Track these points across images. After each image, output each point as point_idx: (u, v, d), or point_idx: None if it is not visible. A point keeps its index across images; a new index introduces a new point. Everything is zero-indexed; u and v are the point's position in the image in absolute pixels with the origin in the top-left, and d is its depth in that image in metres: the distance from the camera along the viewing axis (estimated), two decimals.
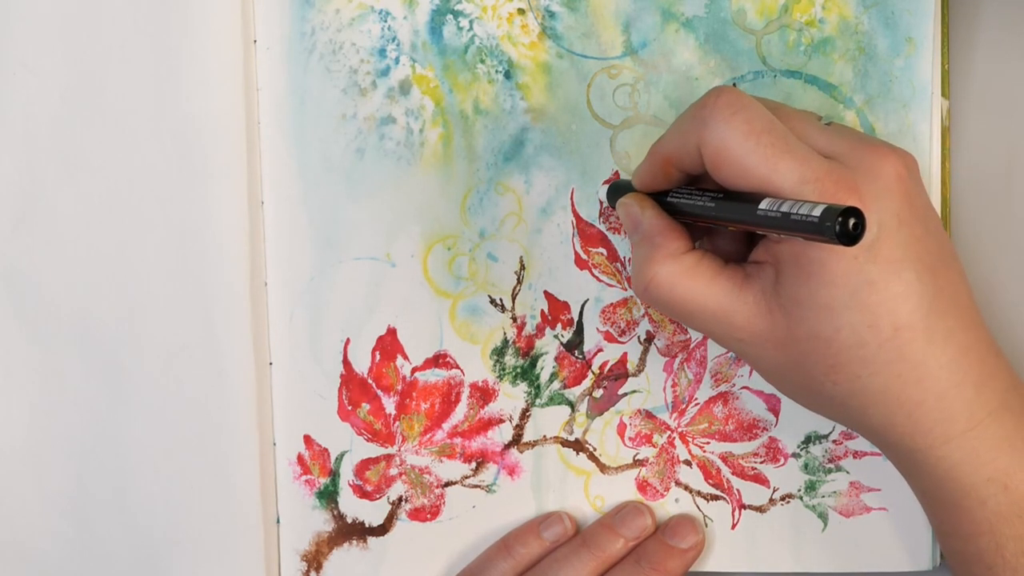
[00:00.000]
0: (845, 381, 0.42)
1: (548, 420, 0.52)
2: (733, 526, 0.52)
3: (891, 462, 0.46)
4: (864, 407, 0.43)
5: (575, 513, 0.52)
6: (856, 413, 0.43)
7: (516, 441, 0.52)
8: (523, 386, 0.52)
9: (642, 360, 0.52)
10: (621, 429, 0.52)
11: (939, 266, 0.42)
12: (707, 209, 0.43)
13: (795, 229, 0.39)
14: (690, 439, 0.52)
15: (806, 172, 0.40)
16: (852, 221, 0.37)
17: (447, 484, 0.52)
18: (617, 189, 0.49)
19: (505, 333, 0.52)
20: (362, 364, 0.52)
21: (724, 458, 0.52)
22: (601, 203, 0.51)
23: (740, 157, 0.41)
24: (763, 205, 0.40)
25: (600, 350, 0.52)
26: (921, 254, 0.41)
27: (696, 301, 0.44)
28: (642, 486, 0.52)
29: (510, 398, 0.52)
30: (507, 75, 0.50)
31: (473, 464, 0.52)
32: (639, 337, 0.52)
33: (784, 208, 0.39)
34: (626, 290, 0.51)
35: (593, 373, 0.52)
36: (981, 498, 0.43)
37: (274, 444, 0.52)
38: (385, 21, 0.51)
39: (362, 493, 0.53)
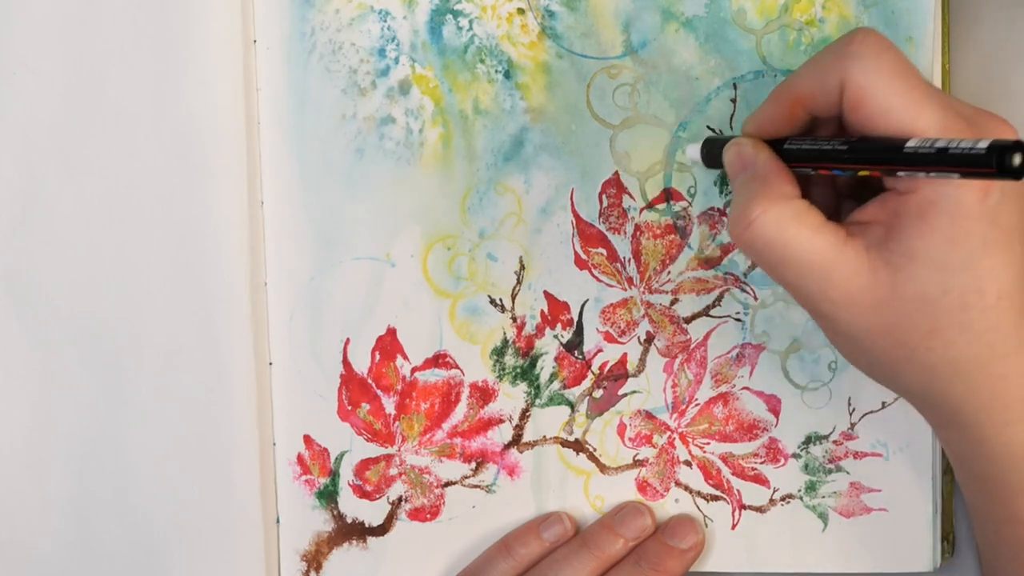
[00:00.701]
0: (941, 347, 0.41)
1: (548, 420, 0.52)
2: (733, 526, 0.52)
3: (945, 444, 0.45)
4: (951, 376, 0.42)
5: (575, 513, 0.52)
6: (940, 383, 0.42)
7: (516, 441, 0.52)
8: (523, 386, 0.52)
9: (642, 360, 0.52)
10: (621, 429, 0.52)
11: None
12: (838, 153, 0.41)
13: (955, 164, 0.37)
14: (690, 440, 0.52)
15: (948, 122, 0.40)
16: (1020, 157, 0.36)
17: (447, 484, 0.52)
18: (714, 142, 0.47)
19: (505, 333, 0.52)
20: (362, 364, 0.52)
21: (724, 458, 0.52)
22: (600, 203, 0.51)
23: (887, 96, 0.40)
24: (912, 143, 0.39)
25: (600, 350, 0.52)
26: None
27: (800, 248, 0.42)
28: (642, 486, 0.52)
29: (510, 398, 0.52)
30: (507, 75, 0.50)
31: (473, 464, 0.52)
32: (639, 337, 0.52)
33: (940, 144, 0.38)
34: (626, 290, 0.51)
35: (593, 373, 0.52)
36: None
37: (274, 444, 0.52)
38: (385, 21, 0.51)
39: (362, 493, 0.53)
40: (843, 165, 0.42)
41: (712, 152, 0.47)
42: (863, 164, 0.41)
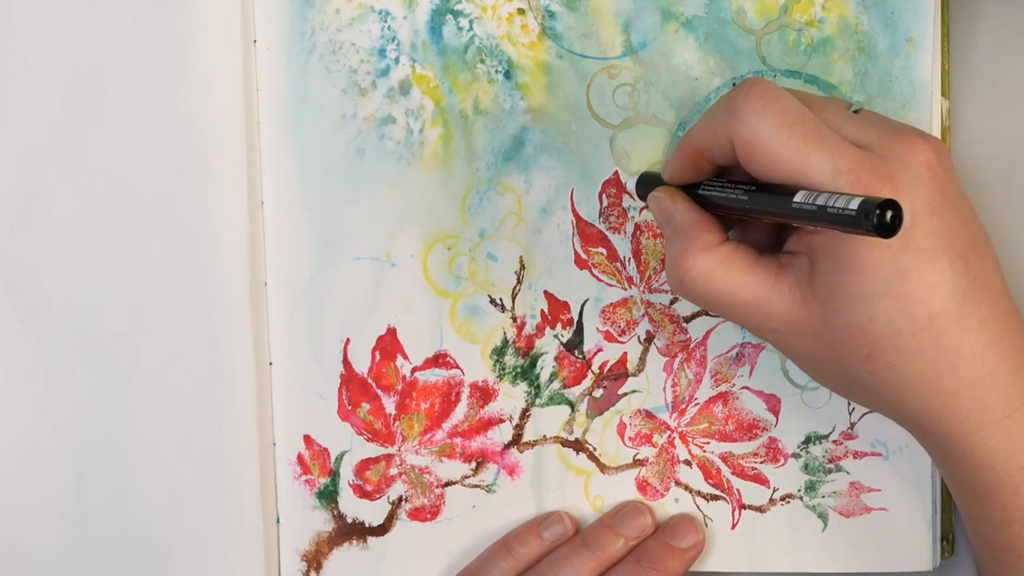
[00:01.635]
0: (880, 370, 0.42)
1: (548, 420, 0.52)
2: (733, 526, 0.52)
3: (925, 450, 0.46)
4: (900, 395, 0.43)
5: (575, 513, 0.52)
6: (892, 401, 0.43)
7: (516, 441, 0.52)
8: (523, 386, 0.52)
9: (642, 360, 0.52)
10: (621, 429, 0.52)
11: (972, 254, 0.42)
12: (740, 201, 0.43)
13: (832, 222, 0.39)
14: (690, 439, 0.52)
15: (839, 162, 0.40)
16: (890, 213, 0.37)
17: (447, 484, 0.52)
18: (646, 181, 0.48)
19: (505, 333, 0.52)
20: (362, 364, 0.52)
21: (724, 458, 0.52)
22: (600, 202, 0.51)
23: (772, 149, 0.41)
24: (798, 198, 0.40)
25: (600, 350, 0.52)
26: (954, 242, 0.41)
27: (732, 293, 0.44)
28: (642, 486, 0.52)
29: (510, 398, 0.52)
30: (507, 75, 0.50)
31: (473, 464, 0.52)
32: (639, 337, 0.52)
33: (820, 201, 0.39)
34: (626, 290, 0.51)
35: (593, 373, 0.52)
36: (1015, 485, 0.43)
37: (274, 444, 0.52)
38: (385, 21, 0.51)
39: (362, 493, 0.53)
40: (746, 213, 0.43)
41: (646, 189, 0.48)
42: (761, 214, 0.43)
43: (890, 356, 0.42)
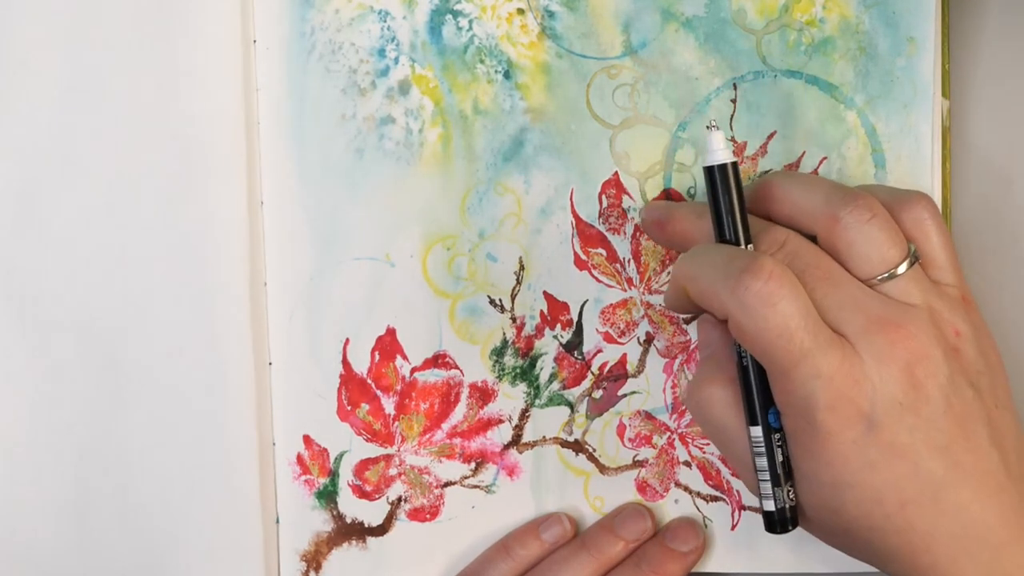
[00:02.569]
0: (857, 545, 0.44)
1: (547, 421, 0.52)
2: (733, 527, 0.52)
3: None
4: (881, 564, 0.44)
5: (574, 514, 0.52)
6: (876, 564, 0.44)
7: (515, 441, 0.52)
8: (522, 386, 0.52)
9: (642, 361, 0.52)
10: (621, 430, 0.52)
11: (958, 439, 0.42)
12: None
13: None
14: (690, 440, 0.52)
15: (821, 368, 0.41)
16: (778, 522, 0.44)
17: (446, 484, 0.52)
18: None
19: (504, 333, 0.52)
20: (361, 364, 0.52)
21: (723, 459, 0.52)
22: (600, 203, 0.51)
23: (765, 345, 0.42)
24: (754, 433, 0.44)
25: (599, 351, 0.52)
26: (931, 435, 0.41)
27: (734, 433, 0.45)
28: (642, 487, 0.52)
29: (509, 398, 0.52)
30: (506, 75, 0.50)
31: (472, 464, 0.52)
32: (639, 338, 0.51)
33: (756, 449, 0.44)
34: (625, 291, 0.51)
35: (592, 374, 0.52)
36: None
37: (273, 444, 0.52)
38: (384, 21, 0.51)
39: (361, 493, 0.53)
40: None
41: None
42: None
43: (864, 534, 0.43)
